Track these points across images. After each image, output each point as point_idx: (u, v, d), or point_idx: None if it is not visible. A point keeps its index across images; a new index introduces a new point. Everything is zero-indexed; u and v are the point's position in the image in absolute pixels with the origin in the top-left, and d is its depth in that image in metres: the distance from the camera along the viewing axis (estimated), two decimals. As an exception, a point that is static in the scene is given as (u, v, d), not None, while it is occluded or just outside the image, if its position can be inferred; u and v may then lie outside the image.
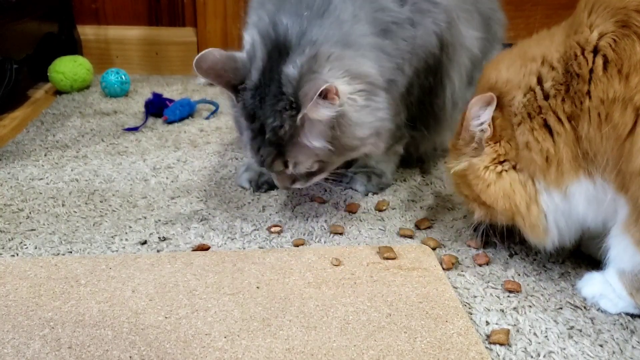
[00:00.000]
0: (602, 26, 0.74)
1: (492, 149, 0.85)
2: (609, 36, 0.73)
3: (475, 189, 0.86)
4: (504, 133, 0.84)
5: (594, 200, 0.78)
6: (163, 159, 1.30)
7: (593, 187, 0.77)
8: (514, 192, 0.83)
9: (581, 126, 0.75)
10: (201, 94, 1.77)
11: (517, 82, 0.82)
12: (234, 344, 0.74)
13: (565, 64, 0.77)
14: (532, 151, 0.80)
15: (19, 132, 1.43)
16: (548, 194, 0.81)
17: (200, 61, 0.89)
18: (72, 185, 1.17)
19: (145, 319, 0.78)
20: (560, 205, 0.81)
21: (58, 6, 1.80)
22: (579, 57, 0.75)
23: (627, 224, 0.74)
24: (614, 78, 0.71)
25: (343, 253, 0.94)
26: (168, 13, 1.97)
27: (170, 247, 0.97)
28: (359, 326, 0.77)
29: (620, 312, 0.82)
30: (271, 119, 0.89)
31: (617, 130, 0.71)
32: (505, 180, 0.84)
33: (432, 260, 0.92)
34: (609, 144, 0.73)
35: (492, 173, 0.85)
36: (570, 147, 0.77)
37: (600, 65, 0.73)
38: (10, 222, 1.03)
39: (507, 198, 0.83)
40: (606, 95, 0.72)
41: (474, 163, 0.86)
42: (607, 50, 0.72)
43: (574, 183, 0.78)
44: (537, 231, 0.83)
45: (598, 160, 0.74)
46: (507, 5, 1.31)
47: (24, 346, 0.72)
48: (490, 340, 0.76)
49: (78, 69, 1.72)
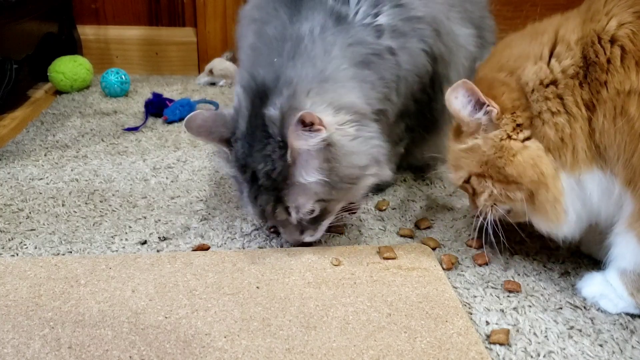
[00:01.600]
0: (619, 16, 0.73)
1: (510, 119, 0.80)
2: (627, 27, 0.72)
3: (498, 162, 0.80)
4: (517, 103, 0.79)
5: (606, 193, 0.76)
6: (163, 159, 1.30)
7: (605, 179, 0.75)
8: (542, 160, 0.78)
9: (595, 118, 0.73)
10: (201, 94, 1.77)
11: (527, 53, 0.79)
12: (234, 343, 0.74)
13: (583, 49, 0.75)
14: (545, 123, 0.77)
15: (19, 132, 1.43)
16: (565, 174, 0.78)
17: (189, 122, 0.89)
18: (72, 185, 1.17)
19: (145, 319, 0.78)
20: (576, 189, 0.78)
21: (58, 6, 1.80)
22: (596, 45, 0.74)
23: (631, 220, 0.74)
24: (631, 70, 0.70)
25: (343, 253, 0.94)
26: (168, 13, 1.97)
27: (170, 247, 0.97)
28: (359, 326, 0.77)
29: (621, 312, 0.82)
30: (262, 164, 0.86)
31: (632, 124, 0.70)
32: (532, 149, 0.78)
33: (432, 260, 0.92)
34: (622, 139, 0.71)
35: (516, 142, 0.79)
36: (585, 136, 0.75)
37: (618, 55, 0.72)
38: (10, 222, 1.03)
39: (536, 167, 0.77)
40: (623, 87, 0.71)
41: (492, 136, 0.80)
42: (624, 40, 0.71)
43: (588, 173, 0.76)
44: (559, 208, 0.79)
45: (609, 154, 0.73)
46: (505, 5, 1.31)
47: (24, 346, 0.72)
48: (490, 340, 0.76)
49: (78, 69, 1.73)
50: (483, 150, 0.82)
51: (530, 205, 0.81)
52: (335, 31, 0.92)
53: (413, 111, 1.09)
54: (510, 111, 0.80)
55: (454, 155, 0.87)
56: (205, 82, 1.88)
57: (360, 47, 0.94)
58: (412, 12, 1.00)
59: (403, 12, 0.99)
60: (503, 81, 0.81)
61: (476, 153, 0.83)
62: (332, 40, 0.92)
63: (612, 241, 0.78)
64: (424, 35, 1.02)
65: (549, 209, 0.79)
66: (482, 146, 0.81)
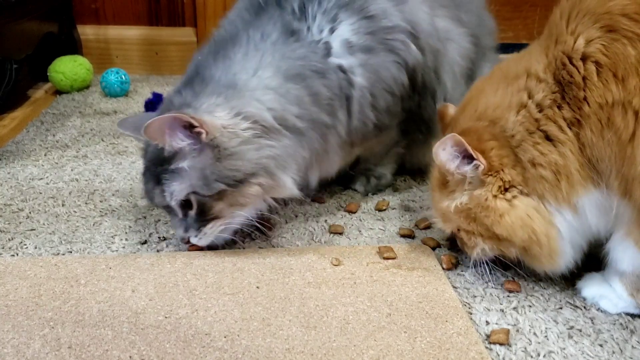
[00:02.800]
0: (586, 33, 0.73)
1: (496, 178, 0.79)
2: (597, 42, 0.72)
3: (486, 221, 0.80)
4: (505, 160, 0.79)
5: (604, 210, 0.77)
6: (163, 159, 1.30)
7: (602, 196, 0.75)
8: (532, 218, 0.78)
9: (583, 133, 0.74)
10: (201, 94, 1.77)
11: (507, 103, 0.79)
12: (234, 343, 0.74)
13: (553, 73, 0.76)
14: (539, 167, 0.77)
15: (19, 132, 1.43)
16: (560, 213, 0.78)
17: (121, 122, 1.00)
18: (72, 185, 1.17)
19: (145, 318, 0.78)
20: (573, 222, 0.78)
21: (58, 6, 1.80)
22: (568, 66, 0.74)
23: (629, 227, 0.74)
24: (610, 82, 0.71)
25: (343, 253, 0.94)
26: (168, 13, 1.97)
27: (170, 247, 0.97)
28: (359, 326, 0.77)
29: (620, 312, 0.82)
30: (152, 146, 0.91)
31: (619, 134, 0.70)
32: (520, 208, 0.78)
33: (432, 260, 0.92)
34: (612, 150, 0.72)
35: (502, 201, 0.79)
36: (576, 155, 0.75)
37: (594, 71, 0.72)
38: (10, 222, 1.03)
39: (526, 227, 0.78)
40: (604, 100, 0.71)
41: (477, 195, 0.81)
42: (598, 55, 0.72)
43: (585, 195, 0.76)
44: (555, 257, 0.79)
45: (602, 168, 0.73)
46: (505, 6, 1.32)
47: (24, 346, 0.72)
48: (490, 340, 0.76)
49: (78, 69, 1.73)
50: (469, 208, 0.82)
51: (525, 256, 0.82)
52: (278, 43, 0.93)
53: (404, 118, 1.09)
54: (497, 169, 0.80)
55: (440, 209, 0.87)
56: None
57: (298, 62, 0.93)
58: (383, 23, 0.98)
59: (371, 25, 0.97)
60: (491, 134, 0.80)
61: (463, 211, 0.83)
62: (271, 50, 0.92)
63: (611, 246, 0.78)
64: (396, 47, 1.00)
65: (545, 261, 0.80)
66: (469, 203, 0.82)
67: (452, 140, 0.79)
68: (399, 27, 1.00)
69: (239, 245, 0.97)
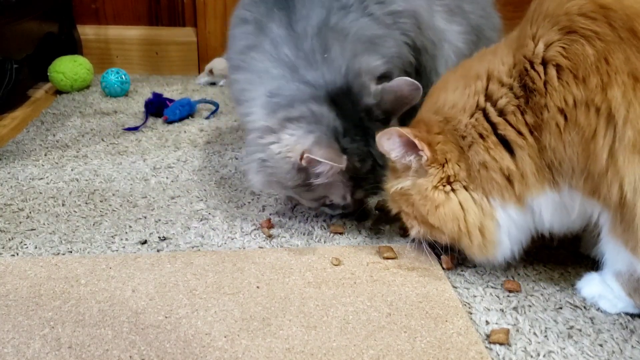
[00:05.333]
0: (546, 36, 0.73)
1: (439, 170, 0.82)
2: (557, 44, 0.72)
3: (422, 209, 0.83)
4: (450, 155, 0.82)
5: (559, 210, 0.78)
6: (163, 158, 1.30)
7: (559, 196, 0.77)
8: (466, 212, 0.81)
9: (544, 136, 0.74)
10: (201, 94, 1.77)
11: (462, 105, 0.81)
12: (234, 343, 0.74)
13: (520, 77, 0.76)
14: (490, 170, 0.78)
15: (19, 132, 1.43)
16: (504, 209, 0.80)
17: None
18: (72, 185, 1.17)
19: (145, 318, 0.78)
20: (516, 218, 0.80)
21: (58, 6, 1.80)
22: (530, 72, 0.74)
23: (612, 227, 0.74)
24: (570, 84, 0.71)
25: (343, 253, 0.94)
26: (168, 13, 1.97)
27: (170, 247, 0.97)
28: (359, 326, 0.77)
29: (620, 312, 0.82)
30: None
31: (582, 133, 0.71)
32: (455, 202, 0.81)
33: (432, 260, 0.92)
34: (573, 150, 0.72)
35: (441, 193, 0.82)
36: (534, 159, 0.76)
37: (554, 75, 0.72)
38: (10, 222, 1.03)
39: (457, 220, 0.81)
40: (565, 103, 0.71)
41: (419, 183, 0.83)
42: (558, 58, 0.72)
43: (540, 196, 0.77)
44: (489, 248, 0.82)
45: (564, 169, 0.74)
46: (506, 5, 1.31)
47: (24, 346, 0.72)
48: (490, 340, 0.76)
49: (78, 69, 1.73)
50: (410, 193, 0.85)
51: (457, 245, 0.85)
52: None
53: None
54: (440, 162, 0.82)
55: (388, 190, 0.90)
56: (205, 82, 1.88)
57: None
58: (393, 7, 1.02)
59: (384, 7, 1.01)
60: (442, 129, 0.82)
61: (404, 194, 0.86)
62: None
63: (603, 247, 0.78)
64: (406, 29, 1.03)
65: (476, 252, 0.83)
66: (411, 189, 0.85)
67: (397, 132, 0.81)
68: (406, 12, 1.03)
69: (241, 246, 0.97)
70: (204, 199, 1.13)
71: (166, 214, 1.07)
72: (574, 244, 0.97)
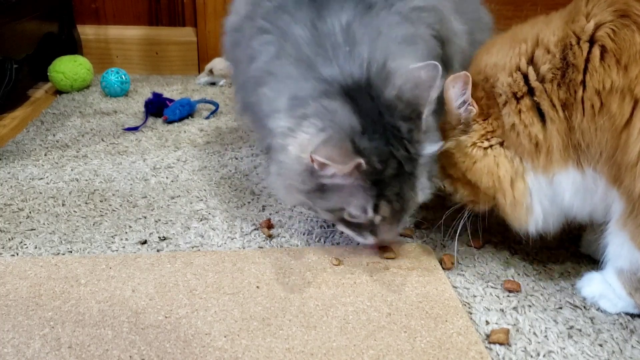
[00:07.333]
0: (599, 16, 0.73)
1: (481, 126, 0.84)
2: (607, 26, 0.72)
3: (462, 166, 0.85)
4: (491, 111, 0.83)
5: (581, 191, 0.78)
6: (163, 158, 1.30)
7: (581, 177, 0.77)
8: (498, 167, 0.82)
9: (574, 116, 0.74)
10: (201, 94, 1.77)
11: (503, 64, 0.82)
12: (234, 343, 0.74)
13: (563, 50, 0.76)
14: (519, 134, 0.80)
15: (19, 132, 1.43)
16: (535, 175, 0.80)
17: None
18: (72, 184, 1.17)
19: (145, 318, 0.78)
20: (545, 189, 0.80)
21: (58, 6, 1.80)
22: (574, 47, 0.74)
23: (622, 219, 0.74)
24: (612, 68, 0.71)
25: (343, 253, 0.94)
26: (168, 13, 1.97)
27: (170, 247, 0.97)
28: (359, 326, 0.77)
29: (620, 312, 0.82)
30: None
31: (613, 121, 0.71)
32: (490, 157, 0.83)
33: (432, 260, 0.92)
34: (603, 136, 0.72)
35: (479, 150, 0.84)
36: (562, 136, 0.76)
37: (597, 55, 0.72)
38: (10, 222, 1.03)
39: (491, 174, 0.82)
40: (602, 86, 0.71)
41: (461, 141, 0.85)
42: (605, 40, 0.72)
43: (562, 172, 0.78)
44: (520, 209, 0.82)
45: (591, 152, 0.74)
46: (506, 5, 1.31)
47: (24, 346, 0.72)
48: (490, 340, 0.76)
49: (78, 69, 1.73)
50: (453, 153, 0.86)
51: (496, 208, 0.86)
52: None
53: None
54: (485, 116, 0.83)
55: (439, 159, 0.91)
56: (205, 82, 1.88)
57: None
58: (415, 3, 1.01)
59: (407, 3, 1.01)
60: (483, 88, 0.83)
61: (449, 156, 0.87)
62: None
63: (606, 241, 0.78)
64: (430, 22, 1.02)
65: (510, 211, 0.83)
66: (454, 149, 0.86)
67: (463, 79, 0.81)
68: (427, 7, 1.03)
69: (240, 246, 0.97)
70: (204, 199, 1.13)
71: (166, 214, 1.07)
72: (574, 244, 0.97)
